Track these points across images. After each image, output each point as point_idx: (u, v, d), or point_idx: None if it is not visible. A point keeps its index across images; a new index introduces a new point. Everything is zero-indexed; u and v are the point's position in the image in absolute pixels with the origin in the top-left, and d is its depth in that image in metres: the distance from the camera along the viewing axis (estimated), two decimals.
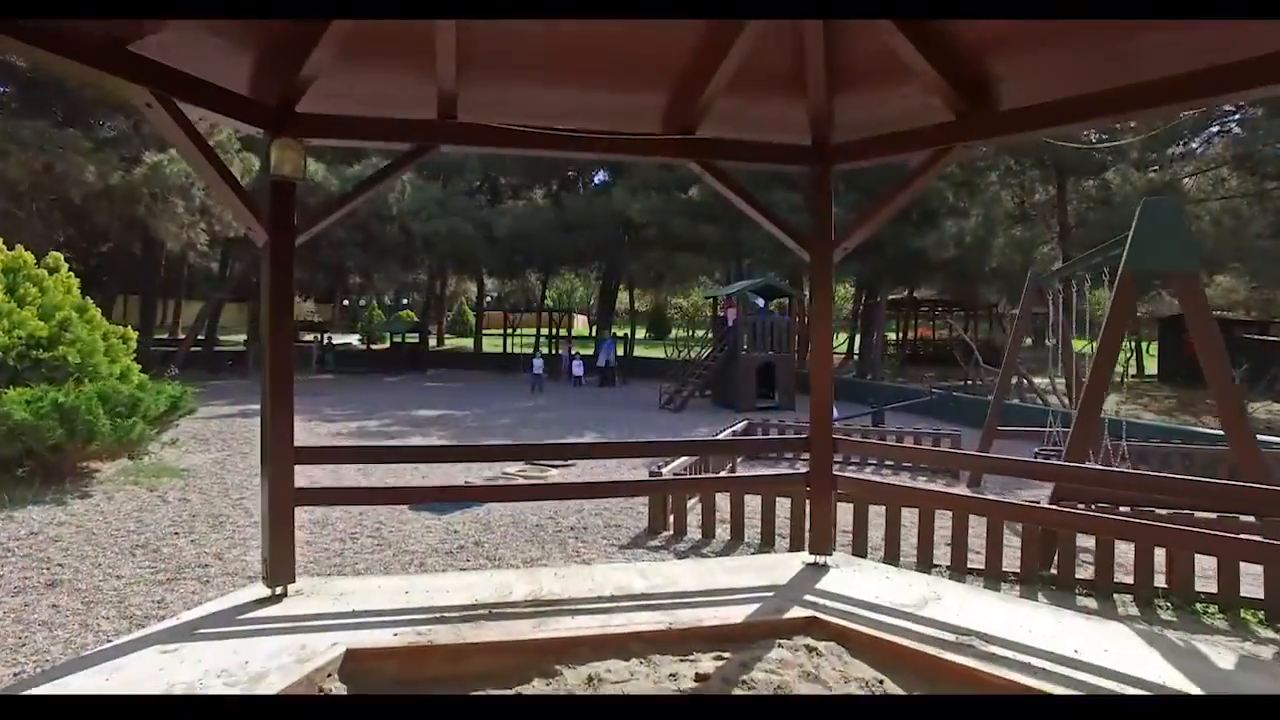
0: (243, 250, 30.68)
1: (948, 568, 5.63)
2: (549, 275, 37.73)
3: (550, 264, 33.55)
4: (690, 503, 6.76)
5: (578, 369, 24.20)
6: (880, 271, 25.81)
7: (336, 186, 25.72)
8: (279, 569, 4.23)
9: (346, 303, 63.39)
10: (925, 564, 5.67)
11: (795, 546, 6.11)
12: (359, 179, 26.19)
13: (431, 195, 27.43)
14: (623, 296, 47.54)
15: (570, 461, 11.04)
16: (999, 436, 9.93)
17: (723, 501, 6.56)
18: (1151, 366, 32.02)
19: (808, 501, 6.17)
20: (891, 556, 5.79)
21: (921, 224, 24.15)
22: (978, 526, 5.87)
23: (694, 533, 6.50)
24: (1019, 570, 5.39)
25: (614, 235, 29.01)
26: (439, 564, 5.61)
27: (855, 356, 35.19)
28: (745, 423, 11.50)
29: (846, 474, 5.16)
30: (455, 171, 30.38)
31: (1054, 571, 5.37)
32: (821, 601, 4.41)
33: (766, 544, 6.22)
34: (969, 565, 5.58)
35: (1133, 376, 29.71)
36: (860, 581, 4.74)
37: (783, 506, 6.39)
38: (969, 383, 26.75)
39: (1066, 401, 18.38)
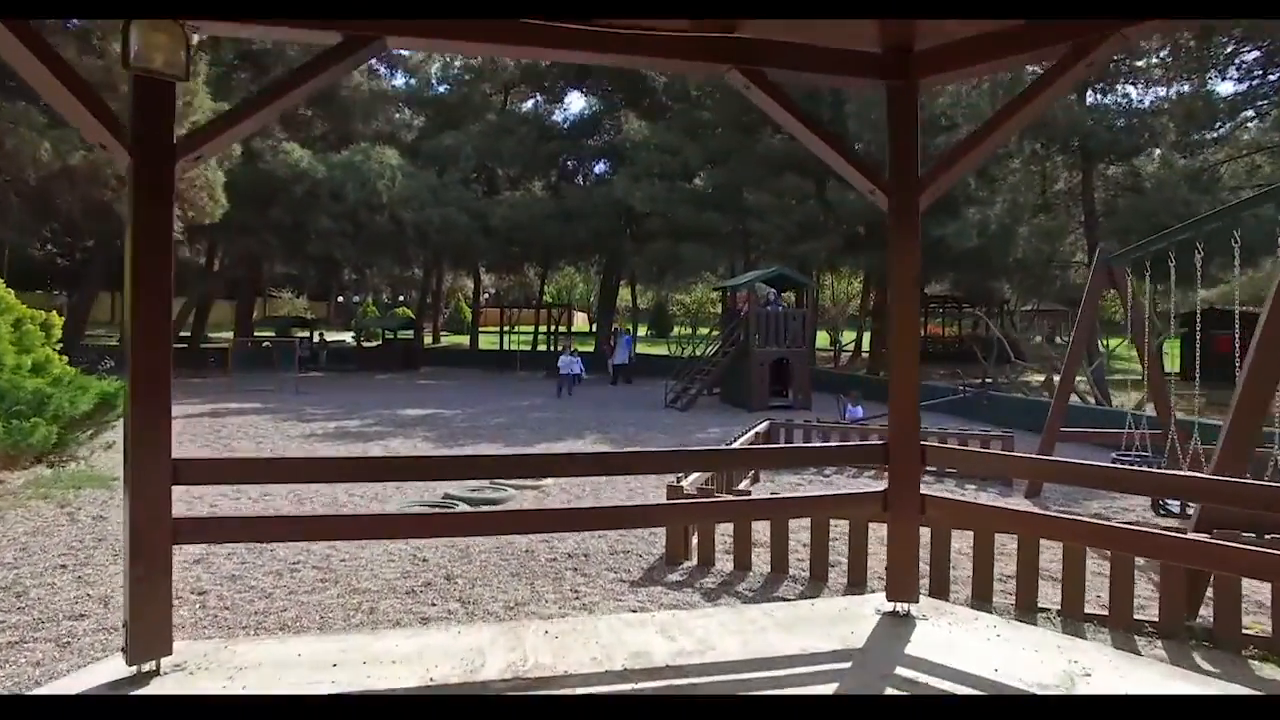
0: (226, 240, 29.39)
1: (1058, 613, 4.33)
2: (548, 270, 36.38)
3: (549, 257, 32.22)
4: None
5: (577, 367, 22.62)
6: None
7: (323, 174, 24.47)
8: (145, 637, 2.93)
9: (341, 299, 62.03)
10: (1028, 609, 4.38)
11: (855, 584, 4.82)
12: (347, 164, 24.93)
13: (424, 183, 26.08)
14: (624, 294, 46.20)
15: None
16: (1062, 439, 8.64)
17: (758, 523, 5.26)
18: (1169, 364, 30.53)
19: (870, 526, 4.89)
20: (982, 597, 4.50)
21: (940, 212, 22.82)
22: (1094, 559, 4.59)
23: (723, 563, 5.19)
24: (1157, 620, 4.10)
25: (615, 225, 27.68)
26: (395, 609, 4.31)
27: (864, 354, 33.92)
28: (766, 423, 10.20)
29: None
30: (450, 160, 29.02)
31: (1205, 622, 4.07)
32: (922, 679, 3.12)
33: (817, 579, 4.92)
34: (1086, 610, 4.29)
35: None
36: (966, 643, 3.45)
37: (836, 528, 5.09)
38: (986, 380, 25.49)
39: (1099, 399, 17.11)
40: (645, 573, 5.01)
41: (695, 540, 5.28)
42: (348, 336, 38.56)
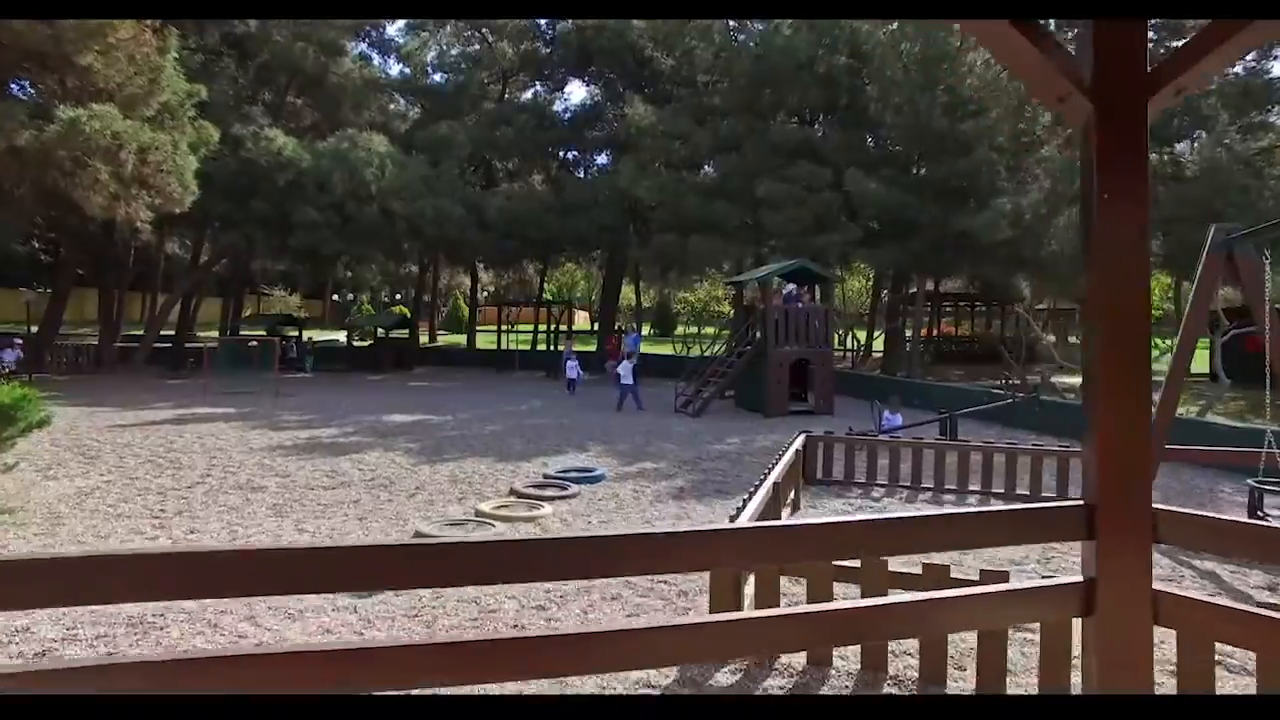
0: (209, 233, 27.97)
1: None
2: (547, 266, 34.84)
3: (549, 252, 30.69)
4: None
5: (572, 371, 20.46)
6: (917, 257, 22.82)
7: (308, 162, 22.99)
8: None
9: (336, 297, 60.56)
10: None
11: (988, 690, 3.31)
12: (333, 152, 23.46)
13: (416, 173, 24.56)
14: (626, 292, 44.59)
15: (571, 490, 8.29)
16: (1172, 457, 7.17)
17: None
18: (1197, 364, 28.75)
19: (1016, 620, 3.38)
20: None
21: (963, 202, 21.40)
22: None
23: (791, 655, 3.70)
24: None
25: (619, 218, 26.17)
26: None
27: (876, 354, 32.43)
28: (801, 436, 8.70)
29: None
30: (444, 150, 27.51)
31: None
32: None
33: (931, 681, 3.43)
34: None
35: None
36: None
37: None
38: (1006, 382, 24.11)
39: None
40: (682, 670, 3.52)
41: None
42: (342, 336, 37.18)
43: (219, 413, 15.20)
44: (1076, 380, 21.15)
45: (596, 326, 36.37)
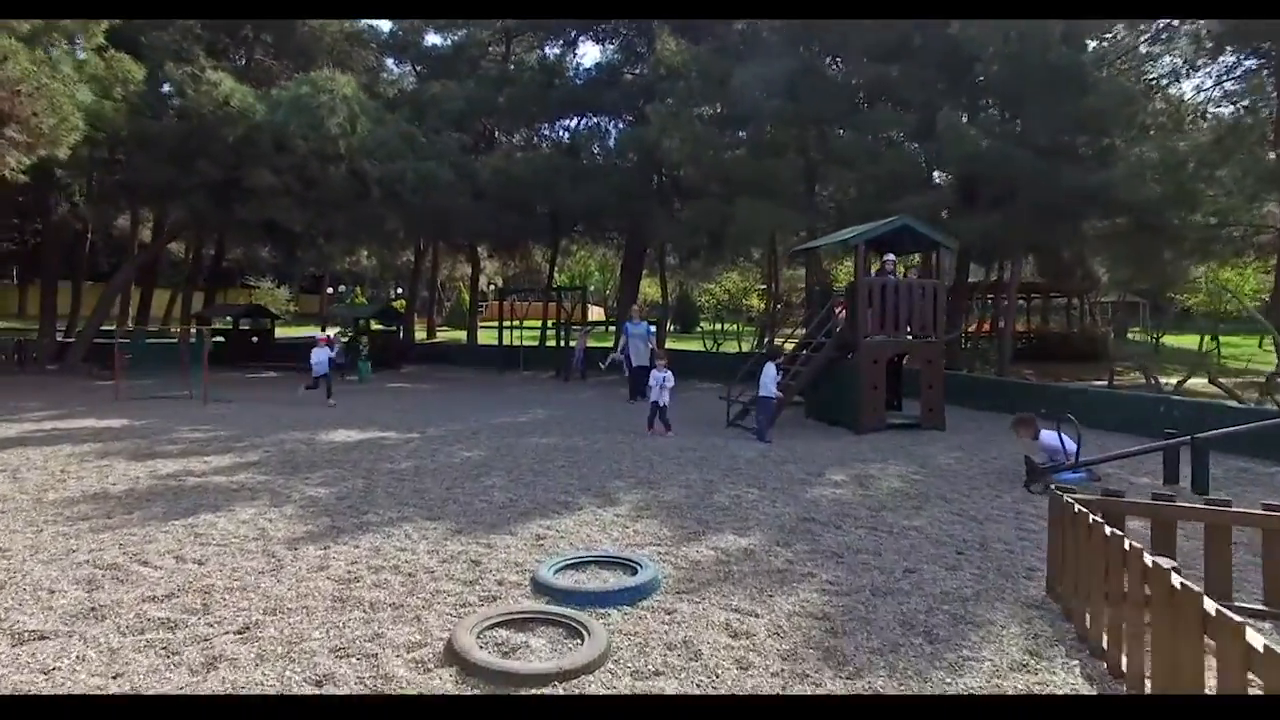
0: (151, 202, 23.70)
1: None
2: (557, 250, 30.28)
3: (558, 229, 26.12)
4: None
5: (657, 386, 12.75)
6: (1012, 227, 17.71)
7: (262, 114, 18.61)
8: None
9: (331, 290, 56.35)
10: None
11: None
12: (292, 100, 19.08)
13: (395, 129, 20.08)
14: (648, 289, 40.03)
15: (592, 639, 3.77)
16: None
17: None
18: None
19: None
20: None
21: (1088, 153, 16.75)
22: None
23: None
24: None
25: (643, 184, 21.60)
26: None
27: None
28: (1075, 504, 4.16)
29: None
30: (432, 107, 23.05)
31: None
32: None
33: None
34: None
35: None
36: None
37: None
38: (1109, 383, 19.57)
39: None
40: None
41: None
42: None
43: (102, 426, 10.88)
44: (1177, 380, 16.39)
45: (616, 319, 31.99)
